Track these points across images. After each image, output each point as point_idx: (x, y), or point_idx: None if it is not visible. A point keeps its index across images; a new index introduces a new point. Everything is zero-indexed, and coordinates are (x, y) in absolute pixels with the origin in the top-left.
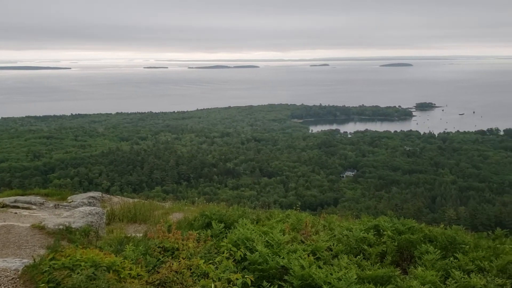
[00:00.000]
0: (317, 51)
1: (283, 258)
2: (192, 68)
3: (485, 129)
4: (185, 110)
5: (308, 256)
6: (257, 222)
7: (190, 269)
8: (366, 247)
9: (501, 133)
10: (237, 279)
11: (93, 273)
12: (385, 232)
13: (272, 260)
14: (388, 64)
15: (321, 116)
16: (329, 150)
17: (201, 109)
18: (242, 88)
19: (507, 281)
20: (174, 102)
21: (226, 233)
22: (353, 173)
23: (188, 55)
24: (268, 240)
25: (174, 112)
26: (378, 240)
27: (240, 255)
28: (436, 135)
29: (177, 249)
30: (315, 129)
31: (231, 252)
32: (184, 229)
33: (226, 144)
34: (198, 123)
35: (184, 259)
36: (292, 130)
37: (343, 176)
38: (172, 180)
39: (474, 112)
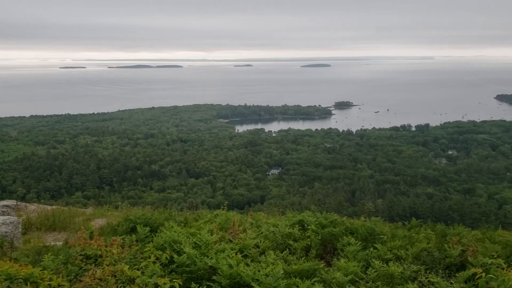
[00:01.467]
0: (240, 52)
1: (211, 258)
2: (112, 67)
3: (398, 125)
4: (106, 112)
5: (236, 254)
6: (184, 224)
7: (115, 275)
8: (291, 242)
9: (413, 129)
10: (164, 283)
11: (8, 286)
12: (309, 227)
13: (200, 261)
14: (308, 64)
15: (246, 115)
16: (255, 149)
17: (123, 110)
18: (166, 88)
19: (421, 267)
20: (94, 103)
21: (152, 237)
22: (278, 171)
23: (107, 54)
24: (196, 241)
25: (94, 113)
26: (303, 234)
27: (166, 258)
28: (354, 132)
29: (100, 256)
30: (241, 128)
31: (158, 255)
32: (108, 235)
33: (150, 146)
34: (120, 125)
35: (108, 265)
36: (218, 130)
37: (268, 174)
38: (94, 185)
39: (388, 110)
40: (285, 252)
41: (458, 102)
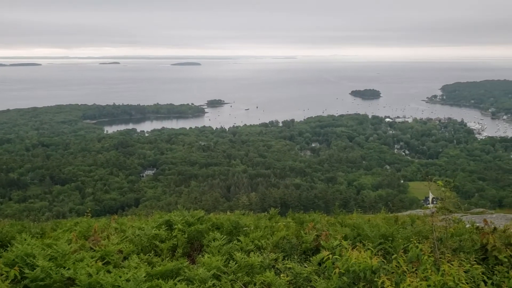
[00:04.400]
0: (106, 49)
1: (68, 269)
2: None
3: (267, 121)
4: None
5: (96, 262)
6: (41, 236)
7: None
8: (157, 243)
9: (280, 124)
10: None
11: None
12: (176, 226)
13: (56, 274)
14: (178, 63)
15: (116, 115)
16: (127, 150)
17: None
18: (23, 88)
19: (279, 255)
20: None
21: (2, 252)
22: (153, 172)
23: None
24: (52, 253)
25: None
26: (170, 234)
27: (15, 274)
28: (227, 130)
29: None
30: (110, 129)
31: (4, 273)
32: None
33: (7, 152)
34: None
35: None
36: (85, 132)
37: (143, 176)
38: None
39: (257, 107)
40: (150, 254)
41: (318, 98)
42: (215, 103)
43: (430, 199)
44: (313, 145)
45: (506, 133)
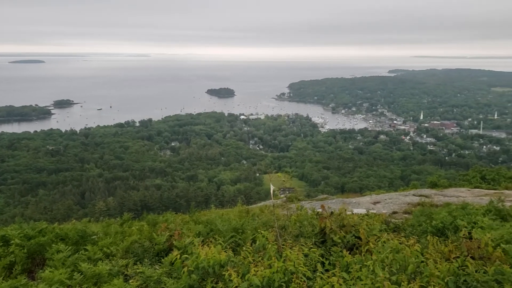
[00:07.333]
0: None
1: None
2: None
3: (123, 121)
4: None
5: None
6: None
7: None
8: None
9: (137, 124)
10: None
11: None
12: (12, 241)
13: None
14: (18, 60)
15: None
16: None
17: None
18: None
19: (130, 260)
20: None
21: None
22: None
23: None
24: None
25: None
26: (6, 251)
27: None
28: (78, 132)
29: None
30: None
31: None
32: None
33: None
34: None
35: None
36: None
37: None
38: None
39: (111, 107)
40: None
41: (175, 97)
42: (63, 104)
43: (271, 191)
44: (172, 144)
45: (345, 126)
